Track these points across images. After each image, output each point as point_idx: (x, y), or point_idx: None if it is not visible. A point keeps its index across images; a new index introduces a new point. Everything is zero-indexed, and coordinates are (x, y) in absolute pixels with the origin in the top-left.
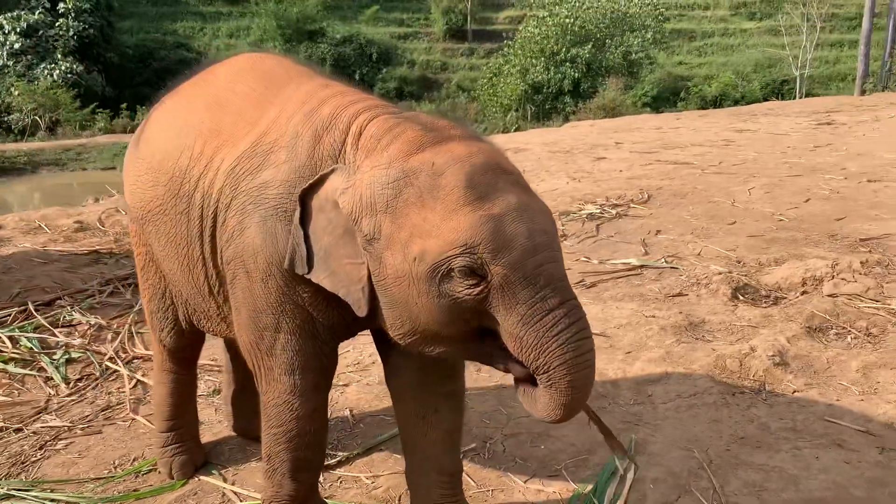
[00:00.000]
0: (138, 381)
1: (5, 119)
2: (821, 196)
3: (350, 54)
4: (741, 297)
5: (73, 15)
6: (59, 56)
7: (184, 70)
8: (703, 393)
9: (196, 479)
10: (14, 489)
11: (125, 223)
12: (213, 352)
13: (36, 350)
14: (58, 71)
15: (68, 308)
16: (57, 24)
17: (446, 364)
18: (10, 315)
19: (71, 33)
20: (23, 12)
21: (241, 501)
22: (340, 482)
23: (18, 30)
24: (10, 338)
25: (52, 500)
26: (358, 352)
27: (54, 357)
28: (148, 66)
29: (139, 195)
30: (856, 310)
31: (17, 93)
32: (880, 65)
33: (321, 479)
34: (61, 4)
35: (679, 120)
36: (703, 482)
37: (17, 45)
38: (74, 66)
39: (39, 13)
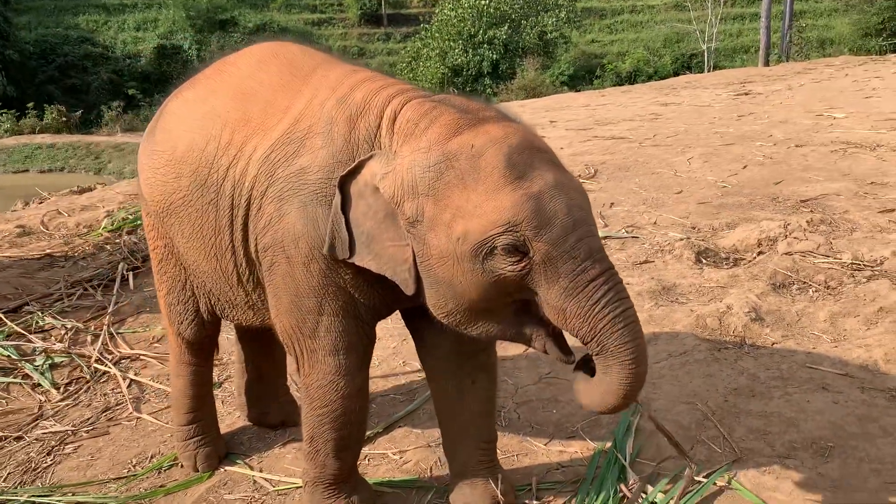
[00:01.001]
0: (132, 380)
1: None
2: (756, 162)
3: None
4: (704, 261)
5: None
6: None
7: (90, 65)
8: (692, 350)
9: (222, 470)
10: (35, 496)
11: (70, 225)
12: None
13: (14, 357)
14: None
15: (38, 313)
16: None
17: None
18: None
19: None
20: None
21: (273, 487)
22: (368, 460)
23: None
24: None
25: (79, 503)
26: None
27: (36, 363)
28: (51, 63)
29: (159, 188)
30: (812, 265)
31: None
32: (780, 36)
33: None
34: None
35: (604, 97)
36: (711, 431)
37: None
38: None
39: None
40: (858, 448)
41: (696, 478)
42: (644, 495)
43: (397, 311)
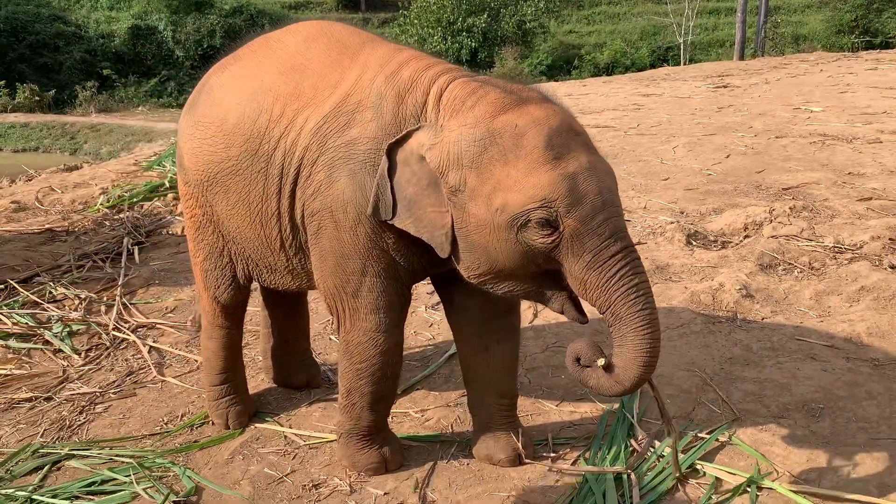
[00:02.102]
0: (151, 347)
1: None
2: (738, 152)
3: (240, 25)
4: (694, 243)
5: None
6: None
7: (62, 44)
8: (689, 323)
9: (252, 427)
10: (74, 450)
11: (65, 202)
12: None
13: (33, 325)
14: None
15: (50, 283)
16: None
17: (505, 301)
18: None
19: None
20: None
21: (304, 442)
22: (392, 418)
23: None
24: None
25: (118, 456)
26: None
27: (54, 331)
28: (22, 41)
29: (205, 158)
30: (797, 248)
31: None
32: (755, 31)
33: None
34: None
35: (585, 87)
36: (710, 394)
37: None
38: None
39: None
40: (846, 409)
41: (699, 435)
42: (652, 449)
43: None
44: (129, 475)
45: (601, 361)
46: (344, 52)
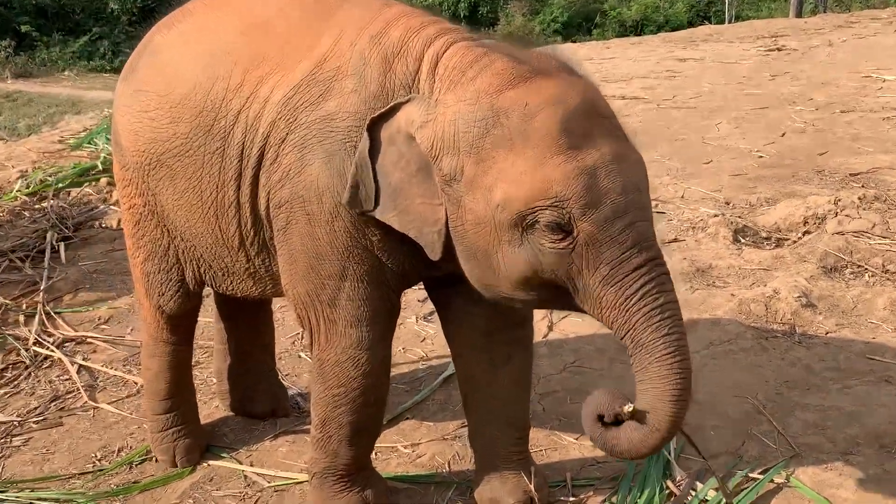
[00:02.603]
0: (81, 366)
1: None
2: (796, 129)
3: None
4: (743, 240)
5: None
6: None
7: None
8: (737, 338)
9: (205, 464)
10: None
11: None
12: None
13: None
14: None
15: None
16: None
17: (515, 309)
18: None
19: None
20: None
21: (268, 483)
22: (377, 454)
23: None
24: None
25: (41, 500)
26: None
27: None
28: None
29: (147, 135)
30: (868, 247)
31: None
32: None
33: None
34: None
35: (609, 49)
36: (764, 426)
37: None
38: None
39: None
40: None
41: (750, 475)
42: (693, 492)
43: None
44: None
45: (627, 408)
46: (320, 6)
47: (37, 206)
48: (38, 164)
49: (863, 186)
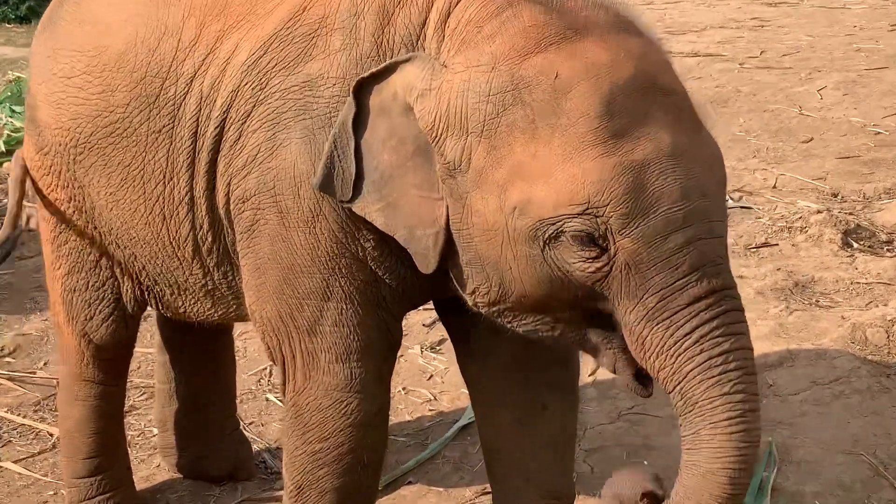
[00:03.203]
0: None
1: None
2: None
3: None
4: (855, 245)
5: None
6: None
7: None
8: (849, 376)
9: None
10: None
11: None
12: None
13: None
14: None
15: None
16: None
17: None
18: None
19: None
20: None
21: None
22: None
23: None
24: None
25: None
26: None
27: None
28: None
29: (71, 108)
30: None
31: None
32: None
33: None
34: None
35: None
36: (885, 492)
37: None
38: None
39: None
40: None
41: None
42: None
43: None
44: None
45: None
46: None
47: None
48: None
49: None
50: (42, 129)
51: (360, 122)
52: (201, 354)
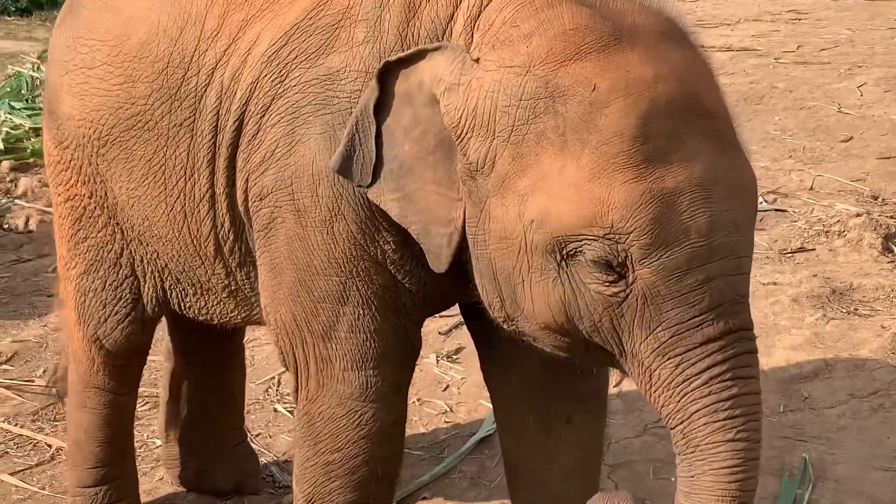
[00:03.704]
0: None
1: None
2: None
3: None
4: None
5: None
6: None
7: None
8: (888, 389)
9: None
10: None
11: None
12: None
13: None
14: None
15: None
16: None
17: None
18: None
19: None
20: None
21: None
22: None
23: None
24: None
25: None
26: None
27: None
28: None
29: (94, 100)
30: None
31: None
32: None
33: None
34: None
35: None
36: None
37: None
38: None
39: None
40: None
41: None
42: None
43: None
44: None
45: None
46: None
47: None
48: None
49: None
50: (62, 122)
51: (382, 106)
52: (213, 359)
